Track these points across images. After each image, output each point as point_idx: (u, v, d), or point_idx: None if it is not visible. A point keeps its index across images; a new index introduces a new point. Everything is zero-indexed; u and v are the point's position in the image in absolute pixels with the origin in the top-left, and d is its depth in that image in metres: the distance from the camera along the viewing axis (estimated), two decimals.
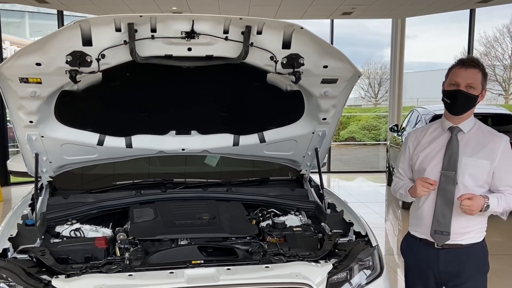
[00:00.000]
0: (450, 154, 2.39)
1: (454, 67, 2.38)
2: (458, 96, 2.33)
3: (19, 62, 2.40)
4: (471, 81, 2.32)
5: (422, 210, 2.48)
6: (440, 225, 2.40)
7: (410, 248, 2.61)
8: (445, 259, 2.45)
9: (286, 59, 2.55)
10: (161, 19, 2.31)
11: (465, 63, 2.34)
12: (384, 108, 21.37)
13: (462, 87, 2.32)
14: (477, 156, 2.37)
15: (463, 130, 2.42)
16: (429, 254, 2.48)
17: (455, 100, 2.35)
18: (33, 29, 21.85)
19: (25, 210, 2.89)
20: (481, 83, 2.35)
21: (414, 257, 2.58)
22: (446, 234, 2.39)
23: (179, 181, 3.46)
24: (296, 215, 3.10)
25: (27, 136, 2.87)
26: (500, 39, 27.40)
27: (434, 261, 2.47)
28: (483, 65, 2.38)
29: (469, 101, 2.35)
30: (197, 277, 2.18)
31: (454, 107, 2.37)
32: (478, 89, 2.34)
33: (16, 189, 9.29)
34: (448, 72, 2.41)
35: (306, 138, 3.24)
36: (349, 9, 9.90)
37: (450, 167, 2.38)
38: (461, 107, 2.37)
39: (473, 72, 2.32)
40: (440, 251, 2.44)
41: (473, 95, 2.34)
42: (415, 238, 2.55)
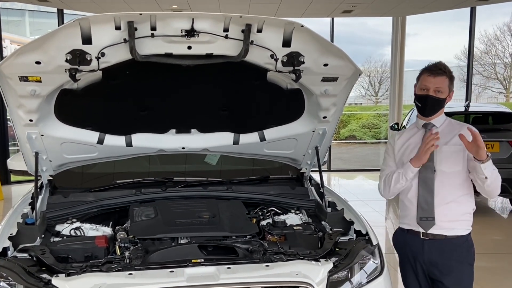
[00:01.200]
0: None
1: (423, 73, 2.59)
2: (428, 100, 2.56)
3: (19, 60, 2.40)
4: (438, 85, 2.54)
5: (407, 201, 2.65)
6: (424, 212, 2.57)
7: (399, 240, 2.75)
8: (430, 249, 2.58)
9: (286, 57, 2.54)
10: (161, 17, 2.31)
11: (432, 71, 2.55)
12: (385, 106, 21.36)
13: (431, 92, 2.55)
14: (450, 143, 2.57)
15: (435, 125, 2.63)
16: (415, 244, 2.62)
17: (425, 103, 2.58)
18: (33, 27, 21.85)
19: (25, 209, 2.89)
20: (448, 87, 2.57)
21: (403, 248, 2.72)
22: (431, 219, 2.55)
23: (179, 180, 3.45)
24: (297, 213, 3.10)
25: (27, 135, 2.87)
26: (500, 37, 27.36)
27: (419, 251, 2.61)
28: (449, 70, 2.60)
29: (437, 104, 2.59)
30: (197, 276, 2.18)
31: (425, 110, 2.61)
32: (445, 92, 2.57)
33: (17, 187, 9.29)
34: (419, 78, 2.62)
35: (306, 137, 3.24)
36: (349, 7, 9.88)
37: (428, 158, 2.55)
38: (431, 110, 2.60)
39: (440, 79, 2.55)
40: (425, 241, 2.59)
41: (441, 98, 2.57)
42: (403, 230, 2.71)
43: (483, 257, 5.05)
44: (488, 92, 27.67)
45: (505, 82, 27.55)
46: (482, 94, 27.03)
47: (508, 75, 27.44)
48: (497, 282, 3.31)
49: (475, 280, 2.62)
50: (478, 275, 2.62)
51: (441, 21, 43.13)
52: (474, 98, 22.96)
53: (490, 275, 2.51)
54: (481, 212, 7.28)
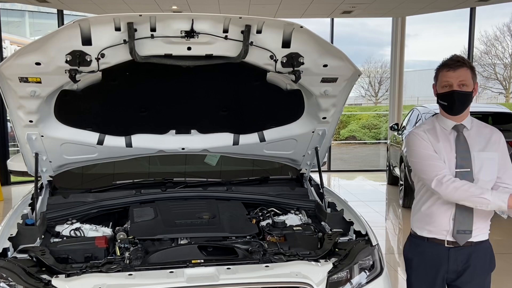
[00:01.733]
0: (461, 152, 2.38)
1: (441, 70, 2.38)
2: (454, 96, 2.34)
3: (19, 61, 2.40)
4: (462, 78, 2.33)
5: (435, 208, 2.42)
6: (462, 225, 2.37)
7: (416, 249, 2.54)
8: (456, 258, 2.42)
9: (286, 58, 2.54)
10: (160, 18, 2.31)
11: (451, 65, 2.34)
12: (385, 107, 21.37)
13: (455, 87, 2.33)
14: (486, 149, 2.38)
15: (466, 127, 2.42)
16: (439, 253, 2.43)
17: (452, 100, 2.36)
18: (33, 28, 21.86)
19: (25, 209, 2.89)
20: (472, 79, 2.36)
21: (420, 257, 2.51)
22: (469, 232, 2.37)
23: (179, 181, 3.46)
24: (296, 214, 3.10)
25: (27, 136, 2.87)
26: (500, 38, 27.40)
27: (443, 260, 2.43)
28: (468, 61, 2.39)
29: (465, 99, 2.37)
30: (197, 276, 2.18)
31: (453, 107, 2.38)
32: (470, 85, 2.35)
33: (17, 188, 9.30)
34: (437, 75, 2.42)
35: (306, 137, 3.24)
36: (349, 7, 9.89)
37: (464, 165, 2.36)
38: (459, 106, 2.38)
39: (462, 71, 2.33)
40: (451, 249, 2.42)
41: (468, 92, 2.35)
42: (422, 239, 2.49)
43: None
44: (488, 93, 27.71)
45: (505, 83, 27.58)
46: (482, 94, 27.07)
47: (508, 76, 27.47)
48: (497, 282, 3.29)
49: None
50: None
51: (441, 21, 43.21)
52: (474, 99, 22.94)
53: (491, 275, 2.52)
54: None
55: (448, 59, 2.38)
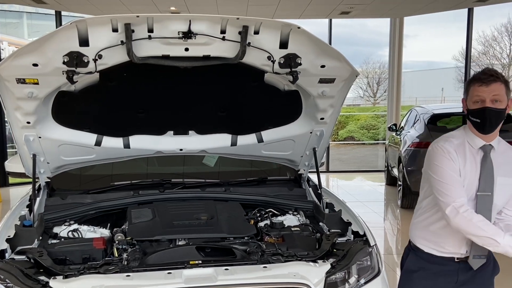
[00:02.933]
0: (486, 175, 2.24)
1: (472, 84, 2.21)
2: (486, 113, 2.17)
3: (16, 62, 2.40)
4: (495, 93, 2.16)
5: (448, 232, 2.29)
6: (478, 250, 2.28)
7: (421, 262, 2.42)
8: (465, 270, 2.36)
9: (283, 59, 2.55)
10: (158, 19, 2.31)
11: (483, 80, 2.16)
12: (383, 107, 21.39)
13: (488, 103, 2.16)
14: (509, 175, 2.26)
15: (494, 147, 2.27)
16: (448, 268, 2.36)
17: (484, 118, 2.19)
18: (31, 29, 21.86)
19: (23, 211, 2.88)
20: (506, 94, 2.19)
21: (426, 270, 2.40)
22: (484, 257, 2.30)
23: (177, 182, 3.45)
24: (294, 215, 3.10)
25: (24, 137, 2.87)
26: (498, 38, 27.45)
27: (452, 274, 2.36)
28: (502, 74, 2.22)
29: (498, 116, 2.20)
30: (195, 277, 2.18)
31: (485, 126, 2.21)
32: (504, 101, 2.19)
33: (15, 190, 9.28)
34: (467, 90, 2.25)
35: (304, 138, 3.24)
36: (347, 8, 9.90)
37: (486, 188, 2.24)
38: (491, 124, 2.21)
39: (495, 86, 2.16)
40: (461, 263, 2.34)
41: (501, 109, 2.18)
42: (429, 255, 2.38)
43: None
44: None
45: None
46: None
47: (506, 76, 27.51)
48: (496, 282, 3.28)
49: None
50: None
51: (439, 22, 43.30)
52: None
53: None
54: None
55: (480, 72, 2.22)
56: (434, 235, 2.36)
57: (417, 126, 7.82)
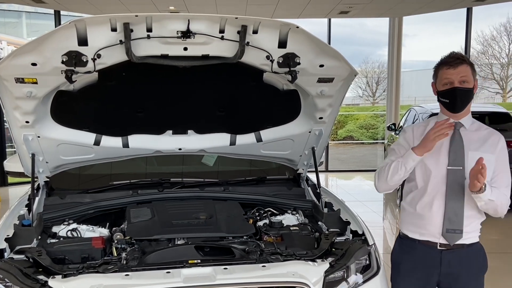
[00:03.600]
0: (455, 149, 2.35)
1: (440, 68, 2.36)
2: (456, 93, 2.32)
3: (15, 62, 2.40)
4: (463, 75, 2.30)
5: (427, 210, 2.39)
6: (452, 224, 2.33)
7: (405, 249, 2.51)
8: (449, 261, 2.38)
9: (282, 58, 2.55)
10: (156, 19, 2.31)
11: (450, 63, 2.32)
12: (382, 107, 21.39)
13: (456, 84, 2.31)
14: (482, 150, 2.34)
15: (464, 126, 2.39)
16: (431, 256, 2.40)
17: (454, 98, 2.33)
18: (30, 29, 21.83)
19: (22, 210, 2.88)
20: (472, 75, 2.34)
21: (409, 258, 2.48)
22: (459, 232, 2.33)
23: (176, 181, 3.46)
24: (293, 214, 3.10)
25: (23, 137, 2.87)
26: (497, 38, 27.47)
27: (436, 263, 2.39)
28: (467, 57, 2.37)
29: (467, 95, 2.34)
30: (194, 276, 2.18)
31: (455, 104, 2.35)
32: (471, 82, 2.33)
33: (13, 189, 9.27)
34: (436, 74, 2.40)
35: (303, 137, 3.24)
36: (346, 8, 9.90)
37: (457, 162, 2.34)
38: (461, 103, 2.35)
39: (462, 68, 2.31)
40: (443, 252, 2.38)
41: (469, 88, 2.33)
42: (413, 240, 2.46)
43: None
44: (484, 92, 27.76)
45: (502, 83, 27.64)
46: (479, 94, 27.09)
47: (504, 75, 27.53)
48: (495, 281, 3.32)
49: None
50: None
51: (438, 22, 43.30)
52: None
53: (488, 274, 2.51)
54: None
55: (447, 56, 2.37)
56: (416, 217, 2.45)
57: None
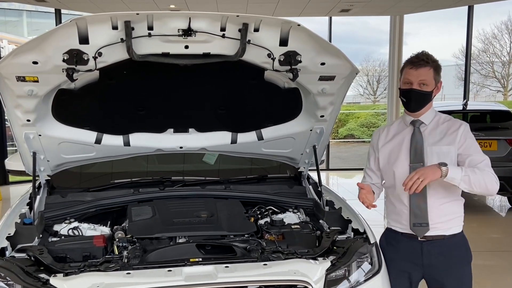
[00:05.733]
0: (415, 147, 2.45)
1: (405, 66, 2.43)
2: (411, 94, 2.40)
3: (16, 60, 2.40)
4: (423, 78, 2.37)
5: (399, 205, 2.52)
6: (417, 218, 2.44)
7: (390, 242, 2.62)
8: (429, 252, 2.46)
9: (283, 56, 2.55)
10: (157, 17, 2.31)
11: (414, 63, 2.38)
12: (383, 105, 21.37)
13: (415, 86, 2.39)
14: (440, 143, 2.43)
15: (424, 122, 2.48)
16: (412, 247, 2.49)
17: (409, 98, 2.42)
18: (31, 27, 21.83)
19: (23, 209, 2.88)
20: (433, 78, 2.40)
21: (394, 250, 2.58)
22: (425, 225, 2.43)
23: (177, 179, 3.45)
24: (294, 212, 3.10)
25: (24, 135, 2.87)
26: (498, 36, 27.41)
27: (417, 254, 2.47)
28: (434, 59, 2.41)
29: (423, 98, 2.42)
30: (195, 275, 2.18)
31: (410, 105, 2.45)
32: (431, 85, 2.40)
33: (15, 188, 9.28)
34: (402, 70, 2.47)
35: (304, 136, 3.24)
36: (347, 6, 9.89)
37: (417, 159, 2.43)
38: (416, 105, 2.44)
39: (423, 71, 2.37)
40: (423, 243, 2.46)
41: (426, 92, 2.40)
42: (395, 232, 2.57)
43: (481, 255, 5.05)
44: (486, 91, 27.71)
45: (503, 81, 27.59)
46: (480, 92, 27.08)
47: (505, 74, 27.48)
48: (495, 280, 3.31)
49: (473, 278, 2.62)
50: (476, 273, 2.62)
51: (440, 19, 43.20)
52: (472, 97, 22.99)
53: (488, 273, 2.51)
54: (479, 210, 7.29)
55: (414, 56, 2.42)
56: (393, 213, 2.58)
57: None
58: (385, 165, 2.57)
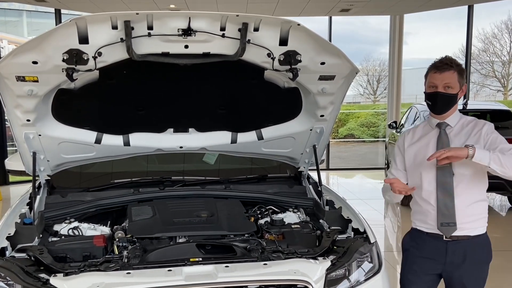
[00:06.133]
0: (441, 148, 2.46)
1: (430, 71, 2.49)
2: (437, 97, 2.45)
3: (16, 60, 2.40)
4: (447, 81, 2.42)
5: (426, 205, 2.52)
6: (445, 217, 2.46)
7: (415, 241, 2.62)
8: (453, 251, 2.48)
9: (283, 56, 2.55)
10: (157, 17, 2.31)
11: (438, 67, 2.44)
12: (383, 105, 21.36)
13: (440, 89, 2.44)
14: (466, 144, 2.42)
15: (450, 125, 2.52)
16: (437, 247, 2.51)
17: (435, 101, 2.48)
18: (31, 28, 21.81)
19: (23, 208, 2.88)
20: (458, 81, 2.45)
21: (419, 249, 2.59)
22: (453, 224, 2.45)
23: (177, 179, 3.45)
24: (295, 212, 3.10)
25: (24, 135, 2.87)
26: (498, 35, 27.40)
27: (441, 253, 2.50)
28: (457, 63, 2.47)
29: (448, 101, 2.47)
30: (195, 274, 2.18)
31: (436, 107, 2.50)
32: (456, 88, 2.45)
33: (15, 188, 9.29)
34: (426, 75, 2.52)
35: (304, 135, 3.24)
36: (346, 6, 9.89)
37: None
38: (442, 107, 2.49)
39: (448, 74, 2.42)
40: (448, 243, 2.49)
41: (452, 94, 2.45)
42: (421, 232, 2.58)
43: None
44: (486, 90, 27.69)
45: (503, 80, 27.58)
46: (480, 92, 27.06)
47: (506, 73, 27.47)
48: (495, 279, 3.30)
49: None
50: None
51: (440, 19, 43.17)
52: (472, 96, 22.98)
53: (490, 272, 2.53)
54: None
55: (438, 60, 2.48)
56: (420, 212, 2.58)
57: (417, 123, 7.81)
58: (411, 166, 2.59)
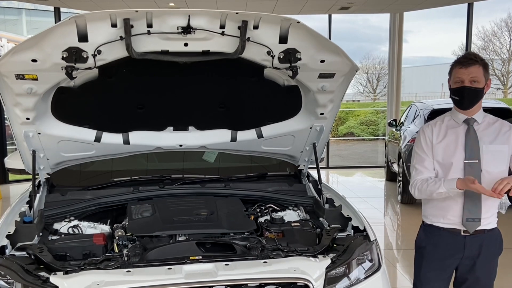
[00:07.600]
0: (471, 144, 2.50)
1: (454, 67, 2.50)
2: (464, 92, 2.46)
3: (15, 58, 2.39)
4: (473, 75, 2.44)
5: (448, 200, 2.54)
6: (471, 213, 2.51)
7: (431, 237, 2.64)
8: (471, 245, 2.54)
9: (283, 53, 2.54)
10: (157, 14, 2.30)
11: (463, 62, 2.45)
12: (383, 103, 21.38)
13: (466, 83, 2.45)
14: (495, 142, 2.51)
15: (477, 121, 2.55)
16: (455, 242, 2.56)
17: (462, 96, 2.48)
18: (30, 26, 21.78)
19: (23, 207, 2.88)
20: (483, 76, 2.46)
21: (437, 246, 2.61)
22: (478, 220, 2.51)
23: (177, 177, 3.45)
24: (294, 210, 3.10)
25: (24, 133, 2.86)
26: (498, 33, 27.41)
27: (459, 248, 2.56)
28: (481, 57, 2.48)
29: (475, 95, 2.48)
30: (195, 273, 2.18)
31: (463, 102, 2.51)
32: (482, 82, 2.46)
33: (15, 186, 9.29)
34: (451, 71, 2.53)
35: (303, 133, 3.24)
36: (346, 4, 9.88)
37: (473, 156, 2.49)
38: (468, 101, 2.50)
39: (473, 69, 2.44)
40: (467, 237, 2.54)
41: (478, 88, 2.46)
42: (437, 228, 2.61)
43: None
44: None
45: (503, 78, 27.60)
46: None
47: (505, 71, 27.48)
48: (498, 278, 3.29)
49: None
50: None
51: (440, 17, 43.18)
52: None
53: None
54: None
55: (461, 56, 2.50)
56: (439, 208, 2.59)
57: (417, 122, 7.82)
58: (442, 161, 2.56)
